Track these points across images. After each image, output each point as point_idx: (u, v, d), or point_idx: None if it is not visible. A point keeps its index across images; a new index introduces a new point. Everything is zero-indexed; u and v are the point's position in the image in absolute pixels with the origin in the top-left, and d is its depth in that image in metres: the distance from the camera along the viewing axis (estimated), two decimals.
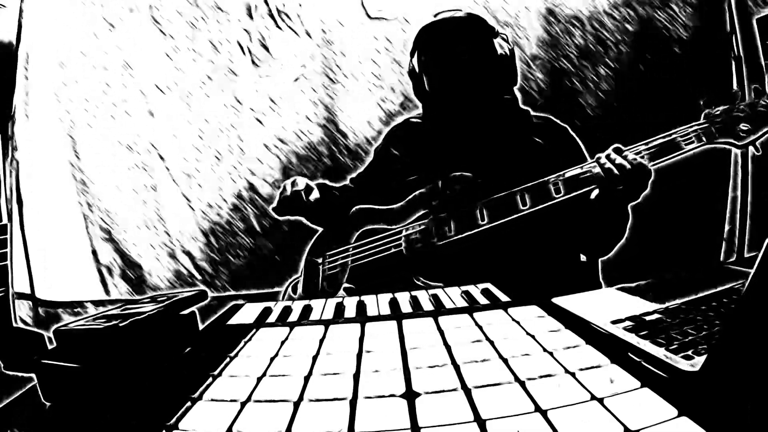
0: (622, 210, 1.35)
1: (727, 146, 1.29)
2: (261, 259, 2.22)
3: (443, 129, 1.53)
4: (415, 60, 1.54)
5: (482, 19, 1.51)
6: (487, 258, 1.33)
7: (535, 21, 2.13)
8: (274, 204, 1.57)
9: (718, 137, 1.27)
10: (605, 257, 1.49)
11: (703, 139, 1.27)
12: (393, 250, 1.42)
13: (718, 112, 1.28)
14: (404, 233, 1.42)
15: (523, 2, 2.13)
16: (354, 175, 1.72)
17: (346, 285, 1.46)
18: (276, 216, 1.60)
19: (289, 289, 1.65)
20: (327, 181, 1.67)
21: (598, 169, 1.27)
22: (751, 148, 1.27)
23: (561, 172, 1.31)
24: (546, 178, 1.32)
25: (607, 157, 1.27)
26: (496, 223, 1.33)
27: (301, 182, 1.54)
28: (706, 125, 1.28)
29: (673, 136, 1.27)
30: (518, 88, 1.56)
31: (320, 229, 1.63)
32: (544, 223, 1.33)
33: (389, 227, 1.46)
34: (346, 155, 2.24)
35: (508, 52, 1.49)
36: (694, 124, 1.29)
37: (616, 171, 1.24)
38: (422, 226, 1.40)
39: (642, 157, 1.26)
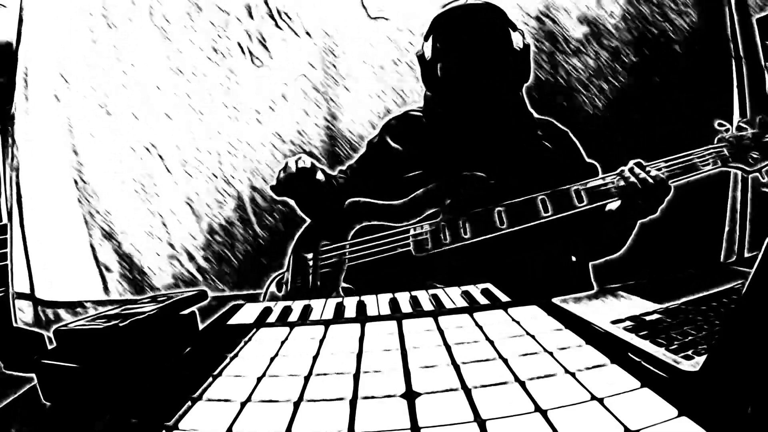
0: (634, 222, 1.39)
1: (737, 170, 1.39)
2: (261, 259, 2.21)
3: (451, 121, 1.47)
4: (428, 45, 1.48)
5: (501, 10, 1.47)
6: (486, 258, 1.32)
7: (532, 20, 2.13)
8: (273, 182, 1.50)
9: (731, 162, 1.37)
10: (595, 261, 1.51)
11: (719, 162, 1.36)
12: (399, 251, 1.35)
13: (731, 139, 1.37)
14: (411, 233, 1.36)
15: (519, 0, 2.13)
16: (344, 167, 1.64)
17: (343, 285, 1.40)
18: (274, 195, 1.53)
19: (272, 285, 1.55)
20: (325, 168, 1.59)
21: (621, 182, 1.31)
22: (757, 176, 1.38)
23: (584, 182, 1.34)
24: (568, 186, 1.33)
25: (630, 170, 1.31)
26: (516, 228, 1.31)
27: (307, 160, 1.46)
28: (721, 150, 1.37)
29: (691, 157, 1.35)
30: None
31: (308, 220, 1.53)
32: (551, 227, 1.33)
33: (390, 225, 1.40)
34: (347, 154, 2.24)
35: (523, 47, 1.45)
36: (710, 147, 1.37)
37: (639, 185, 1.28)
38: (433, 227, 1.35)
39: (662, 174, 1.31)
